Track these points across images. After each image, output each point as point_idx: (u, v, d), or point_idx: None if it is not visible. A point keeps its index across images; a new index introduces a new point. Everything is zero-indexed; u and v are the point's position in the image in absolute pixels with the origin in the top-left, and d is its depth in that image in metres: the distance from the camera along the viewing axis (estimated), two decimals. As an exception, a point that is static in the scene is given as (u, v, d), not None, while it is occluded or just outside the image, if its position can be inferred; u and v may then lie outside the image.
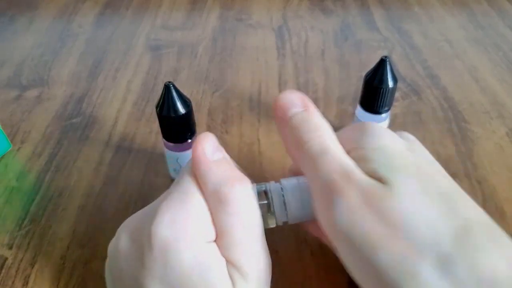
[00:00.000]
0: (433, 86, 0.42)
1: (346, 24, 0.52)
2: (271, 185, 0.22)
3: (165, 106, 0.28)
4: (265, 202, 0.21)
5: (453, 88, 0.42)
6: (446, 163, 0.34)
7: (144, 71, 0.45)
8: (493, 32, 0.51)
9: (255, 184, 0.22)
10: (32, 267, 0.27)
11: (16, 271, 0.27)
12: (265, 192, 0.22)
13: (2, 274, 0.27)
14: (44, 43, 0.50)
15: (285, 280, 0.26)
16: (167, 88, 0.27)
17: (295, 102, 0.22)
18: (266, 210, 0.21)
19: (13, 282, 0.27)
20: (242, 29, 0.52)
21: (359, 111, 0.33)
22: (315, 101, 0.40)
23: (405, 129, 0.37)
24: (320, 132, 0.21)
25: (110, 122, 0.39)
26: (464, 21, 0.53)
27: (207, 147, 0.21)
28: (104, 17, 0.55)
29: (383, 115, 0.32)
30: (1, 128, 0.35)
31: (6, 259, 0.28)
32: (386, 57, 0.30)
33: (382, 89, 0.30)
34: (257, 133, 0.37)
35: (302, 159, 0.21)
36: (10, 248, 0.29)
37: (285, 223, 0.22)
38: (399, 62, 0.46)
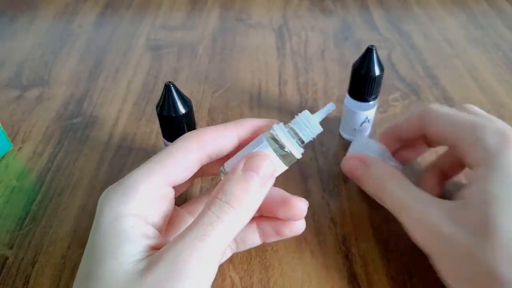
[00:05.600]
0: (432, 86, 0.42)
1: (346, 24, 0.52)
2: (276, 128, 0.22)
3: (165, 106, 0.28)
4: (278, 146, 0.22)
5: (453, 88, 0.42)
6: (445, 163, 0.34)
7: (145, 71, 0.45)
8: (492, 32, 0.51)
9: (261, 135, 0.23)
10: (33, 267, 0.27)
11: (17, 271, 0.27)
12: (274, 138, 0.22)
13: (3, 274, 0.27)
14: (44, 43, 0.50)
15: (285, 279, 0.26)
16: (167, 88, 0.27)
17: (355, 164, 0.29)
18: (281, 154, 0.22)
19: (13, 282, 0.27)
20: (242, 29, 0.52)
21: (348, 99, 0.34)
22: (315, 101, 0.41)
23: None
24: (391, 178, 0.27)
25: (111, 122, 0.39)
26: (464, 21, 0.53)
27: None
28: (105, 17, 0.55)
29: (371, 102, 0.33)
30: (2, 128, 0.35)
31: (7, 258, 0.28)
32: (372, 46, 0.31)
33: (369, 77, 0.31)
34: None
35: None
36: (11, 247, 0.29)
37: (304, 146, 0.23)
38: (398, 62, 0.46)
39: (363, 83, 0.32)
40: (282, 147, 0.22)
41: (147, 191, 0.20)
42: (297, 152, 0.22)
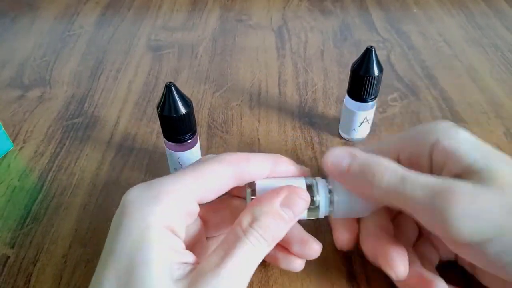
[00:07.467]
0: (431, 86, 0.42)
1: (345, 25, 0.53)
2: (319, 181, 0.24)
3: (166, 106, 0.28)
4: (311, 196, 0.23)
5: (451, 88, 0.42)
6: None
7: (145, 72, 0.45)
8: (491, 32, 0.51)
9: (303, 178, 0.24)
10: (34, 266, 0.28)
11: (18, 270, 0.27)
12: (311, 186, 0.23)
13: (4, 273, 0.27)
14: (45, 44, 0.50)
15: (284, 277, 0.27)
16: (168, 88, 0.28)
17: (343, 155, 0.23)
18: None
19: (15, 281, 0.27)
20: (242, 29, 0.52)
21: (347, 100, 0.34)
22: (314, 101, 0.41)
23: (402, 130, 0.38)
24: (384, 164, 0.22)
25: (112, 122, 0.39)
26: (463, 22, 0.53)
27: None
28: (105, 17, 0.55)
29: (370, 103, 0.33)
30: (3, 128, 0.35)
31: (8, 257, 0.28)
32: (371, 46, 0.31)
33: (368, 78, 0.31)
34: (257, 133, 0.38)
35: (383, 195, 0.22)
36: (12, 246, 0.29)
37: (327, 216, 0.24)
38: (397, 63, 0.46)
39: (362, 83, 0.32)
40: (313, 199, 0.23)
41: (176, 203, 0.20)
42: (324, 211, 0.23)
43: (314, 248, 0.24)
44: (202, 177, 0.22)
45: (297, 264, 0.25)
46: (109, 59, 0.47)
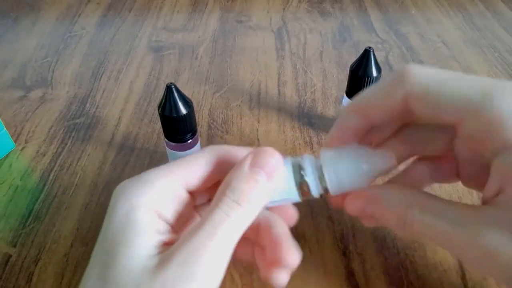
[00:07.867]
0: (430, 87, 0.43)
1: (344, 26, 0.53)
2: (305, 159, 0.22)
3: (167, 106, 0.28)
4: (299, 176, 0.22)
5: (450, 89, 0.43)
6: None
7: (146, 72, 0.46)
8: (489, 33, 0.51)
9: (288, 157, 0.23)
10: (36, 265, 0.28)
11: (20, 268, 0.28)
12: (298, 166, 0.22)
13: (6, 271, 0.28)
14: (47, 45, 0.50)
15: (284, 276, 0.27)
16: (169, 88, 0.28)
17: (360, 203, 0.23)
18: (300, 183, 0.22)
19: (17, 279, 0.27)
20: (242, 30, 0.52)
21: (346, 100, 0.34)
22: (313, 102, 0.41)
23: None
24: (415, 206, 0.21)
25: (113, 122, 0.39)
26: (461, 23, 0.53)
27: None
28: (107, 19, 0.55)
29: None
30: (5, 128, 0.35)
31: (10, 256, 0.28)
32: (370, 47, 0.32)
33: (366, 79, 0.32)
34: (256, 133, 0.38)
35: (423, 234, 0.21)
36: (14, 245, 0.29)
37: (322, 195, 0.23)
38: (396, 63, 0.46)
39: (360, 84, 0.32)
40: (302, 177, 0.22)
41: (162, 188, 0.21)
42: (317, 190, 0.22)
43: (287, 260, 0.21)
44: (186, 165, 0.22)
45: (278, 277, 0.21)
46: (111, 60, 0.48)
